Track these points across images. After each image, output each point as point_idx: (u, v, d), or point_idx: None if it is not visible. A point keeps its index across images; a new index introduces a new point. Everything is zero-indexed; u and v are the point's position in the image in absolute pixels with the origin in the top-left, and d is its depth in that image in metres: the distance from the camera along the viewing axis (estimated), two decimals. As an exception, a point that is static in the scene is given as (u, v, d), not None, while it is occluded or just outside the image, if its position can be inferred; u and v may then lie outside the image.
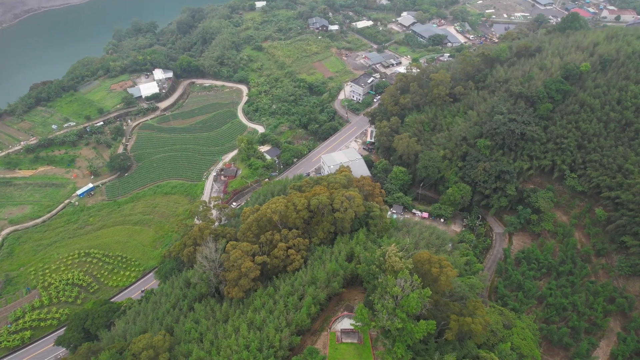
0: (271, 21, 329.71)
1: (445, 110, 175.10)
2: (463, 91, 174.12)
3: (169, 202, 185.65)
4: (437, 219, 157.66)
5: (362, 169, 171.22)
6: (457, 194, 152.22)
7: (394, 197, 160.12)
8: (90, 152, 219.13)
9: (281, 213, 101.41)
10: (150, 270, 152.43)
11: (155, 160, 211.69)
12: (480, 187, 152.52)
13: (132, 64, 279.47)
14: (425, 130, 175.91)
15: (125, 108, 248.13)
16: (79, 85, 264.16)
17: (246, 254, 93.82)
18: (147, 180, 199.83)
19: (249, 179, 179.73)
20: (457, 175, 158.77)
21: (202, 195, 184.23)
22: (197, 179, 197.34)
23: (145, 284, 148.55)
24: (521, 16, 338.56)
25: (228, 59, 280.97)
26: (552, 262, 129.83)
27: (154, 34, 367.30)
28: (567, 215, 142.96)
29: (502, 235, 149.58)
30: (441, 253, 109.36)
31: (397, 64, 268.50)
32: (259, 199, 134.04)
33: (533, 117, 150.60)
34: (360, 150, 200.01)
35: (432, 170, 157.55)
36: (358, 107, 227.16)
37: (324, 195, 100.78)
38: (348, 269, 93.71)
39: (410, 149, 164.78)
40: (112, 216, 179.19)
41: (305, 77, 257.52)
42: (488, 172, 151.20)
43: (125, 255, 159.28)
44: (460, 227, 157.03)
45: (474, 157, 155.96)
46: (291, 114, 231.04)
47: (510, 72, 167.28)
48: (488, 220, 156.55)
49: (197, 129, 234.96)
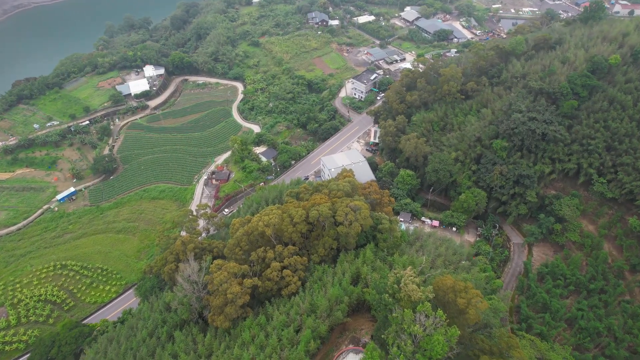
0: (268, 16, 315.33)
1: (457, 108, 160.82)
2: (476, 87, 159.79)
3: (156, 208, 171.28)
4: (449, 228, 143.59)
5: (366, 173, 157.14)
6: (471, 201, 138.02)
7: (401, 204, 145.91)
8: (74, 153, 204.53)
9: (275, 226, 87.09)
10: (132, 285, 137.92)
11: (143, 162, 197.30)
12: (497, 192, 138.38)
13: (122, 60, 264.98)
14: (435, 130, 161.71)
15: (113, 106, 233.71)
16: (65, 82, 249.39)
17: (233, 276, 79.43)
18: (133, 184, 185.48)
19: (242, 183, 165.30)
20: (470, 180, 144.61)
21: (192, 201, 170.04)
22: (187, 182, 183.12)
23: (127, 300, 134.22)
24: (529, 11, 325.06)
25: (223, 55, 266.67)
26: (580, 278, 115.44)
27: (147, 30, 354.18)
28: (594, 224, 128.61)
29: (521, 247, 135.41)
30: (460, 271, 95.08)
31: (401, 60, 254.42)
32: (251, 207, 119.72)
33: (555, 116, 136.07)
34: (363, 152, 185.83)
35: (443, 174, 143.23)
36: (360, 105, 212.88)
37: (325, 206, 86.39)
38: (354, 294, 79.27)
39: (418, 150, 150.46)
40: (93, 223, 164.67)
41: (304, 74, 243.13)
42: (505, 176, 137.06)
43: (106, 268, 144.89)
44: (475, 236, 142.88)
45: (489, 159, 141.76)
46: (289, 112, 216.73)
47: (528, 66, 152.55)
48: (505, 229, 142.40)
49: (188, 128, 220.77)
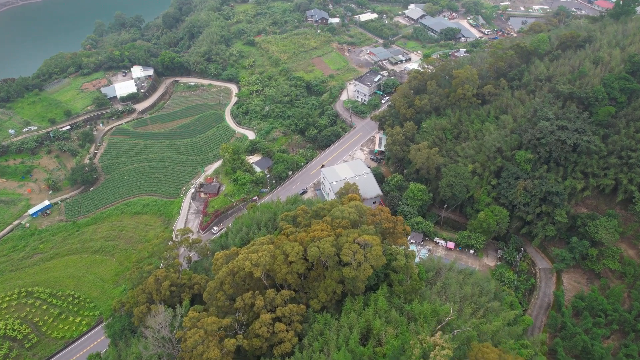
0: (265, 13, 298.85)
1: (472, 114, 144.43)
2: (494, 91, 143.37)
3: (138, 224, 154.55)
4: (466, 250, 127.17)
5: (372, 186, 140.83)
6: (491, 220, 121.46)
7: (412, 223, 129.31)
8: (52, 162, 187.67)
9: (266, 266, 70.45)
10: (108, 317, 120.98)
11: (127, 171, 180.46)
12: (520, 211, 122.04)
13: (108, 60, 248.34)
14: (448, 138, 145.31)
15: (97, 110, 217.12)
16: (46, 83, 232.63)
17: (212, 335, 62.77)
18: (114, 197, 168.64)
19: (233, 197, 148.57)
20: (489, 196, 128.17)
21: (178, 217, 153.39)
22: (174, 194, 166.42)
23: (99, 335, 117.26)
24: (540, 9, 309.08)
25: (216, 55, 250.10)
26: (625, 315, 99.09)
27: (139, 28, 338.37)
28: (636, 249, 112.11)
29: (549, 273, 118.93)
30: (490, 316, 78.47)
31: (406, 61, 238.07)
32: (240, 231, 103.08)
33: (589, 124, 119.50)
34: (367, 161, 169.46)
35: (459, 189, 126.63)
36: (364, 110, 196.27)
37: (328, 241, 69.77)
38: (364, 358, 62.68)
39: (430, 162, 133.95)
40: (68, 242, 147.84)
41: (303, 75, 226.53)
42: (530, 192, 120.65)
43: (78, 295, 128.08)
44: (495, 259, 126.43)
45: (511, 173, 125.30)
46: (286, 117, 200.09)
47: (554, 67, 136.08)
48: (528, 251, 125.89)
49: (177, 134, 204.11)
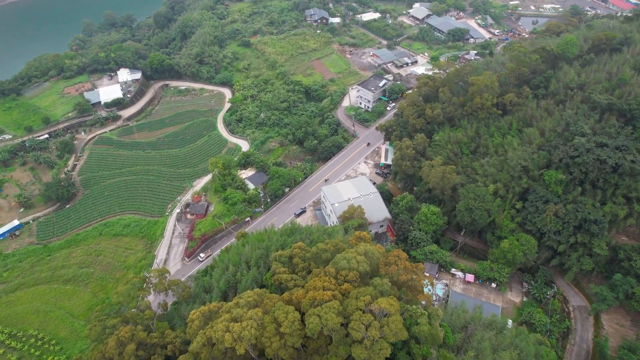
0: (262, 13, 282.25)
1: (492, 126, 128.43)
2: (516, 100, 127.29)
3: (117, 248, 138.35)
4: (487, 283, 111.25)
5: (379, 208, 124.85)
6: (516, 250, 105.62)
7: (425, 252, 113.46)
8: (26, 175, 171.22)
9: (252, 339, 54.25)
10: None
11: (108, 186, 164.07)
12: (550, 239, 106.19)
13: (93, 62, 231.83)
14: (464, 153, 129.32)
15: (79, 117, 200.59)
16: (25, 88, 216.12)
17: None
18: (93, 215, 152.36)
19: (223, 219, 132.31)
20: (513, 221, 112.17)
21: (162, 240, 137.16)
22: (158, 213, 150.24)
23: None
24: (551, 8, 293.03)
25: (209, 57, 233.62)
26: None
27: (130, 28, 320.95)
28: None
29: (585, 313, 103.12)
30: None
31: (413, 63, 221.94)
32: (226, 270, 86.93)
33: (633, 141, 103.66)
34: (373, 175, 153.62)
35: (479, 213, 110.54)
36: (367, 117, 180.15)
37: (332, 308, 53.61)
38: None
39: (446, 181, 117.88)
40: (36, 269, 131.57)
41: (301, 79, 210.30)
42: (562, 219, 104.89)
43: (42, 336, 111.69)
44: (520, 294, 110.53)
45: (539, 196, 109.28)
46: (283, 125, 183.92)
47: (586, 74, 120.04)
48: (558, 284, 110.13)
49: (165, 143, 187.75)
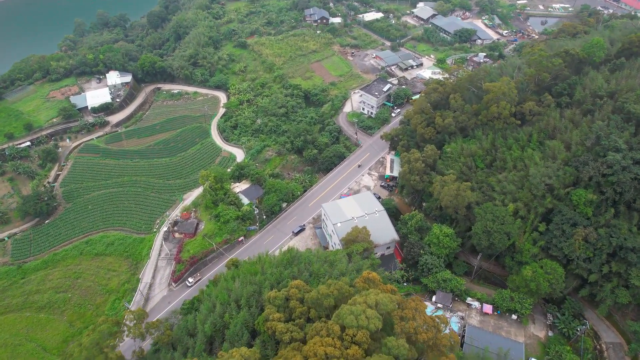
0: (259, 12, 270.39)
1: (509, 137, 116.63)
2: (536, 109, 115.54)
3: (99, 270, 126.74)
4: (506, 315, 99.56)
5: (385, 228, 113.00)
6: (540, 279, 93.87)
7: (437, 279, 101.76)
8: (4, 186, 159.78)
9: None
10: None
11: (92, 199, 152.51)
12: (579, 267, 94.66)
13: (80, 64, 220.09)
14: (479, 166, 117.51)
15: (64, 122, 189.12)
16: (7, 91, 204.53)
17: None
18: (74, 232, 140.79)
19: (214, 239, 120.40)
20: (536, 245, 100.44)
21: (147, 261, 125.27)
22: (145, 229, 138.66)
23: None
24: (561, 8, 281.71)
25: (203, 59, 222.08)
26: None
27: (123, 28, 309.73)
28: None
29: (620, 351, 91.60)
30: None
31: (418, 66, 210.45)
32: (212, 311, 75.06)
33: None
34: (377, 188, 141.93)
35: (498, 237, 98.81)
36: (371, 124, 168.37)
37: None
38: None
39: (460, 200, 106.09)
40: (8, 294, 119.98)
41: (300, 83, 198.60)
42: (593, 244, 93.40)
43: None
44: (544, 327, 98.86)
45: (566, 218, 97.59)
46: (280, 132, 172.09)
47: (616, 80, 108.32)
48: (588, 316, 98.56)
49: (155, 152, 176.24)
